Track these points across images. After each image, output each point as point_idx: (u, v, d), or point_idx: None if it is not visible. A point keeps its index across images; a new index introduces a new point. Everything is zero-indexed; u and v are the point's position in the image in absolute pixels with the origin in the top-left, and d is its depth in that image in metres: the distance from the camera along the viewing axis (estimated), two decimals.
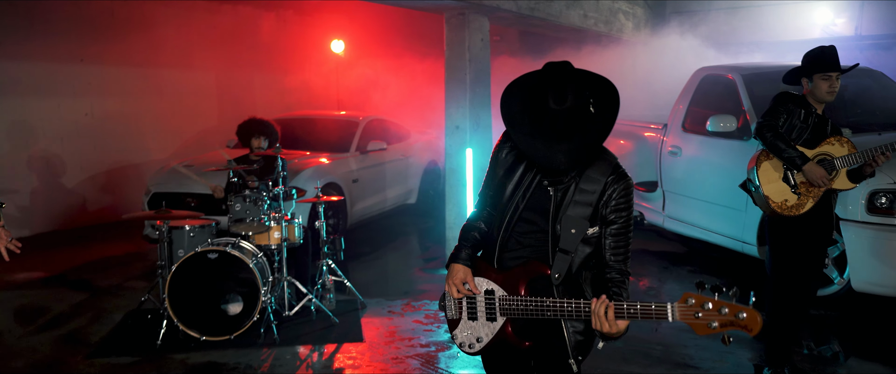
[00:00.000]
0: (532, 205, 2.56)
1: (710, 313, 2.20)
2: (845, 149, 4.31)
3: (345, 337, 5.34)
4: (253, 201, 5.59)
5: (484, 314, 2.67)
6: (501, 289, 2.61)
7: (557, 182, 2.51)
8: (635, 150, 8.36)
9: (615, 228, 2.47)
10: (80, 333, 5.49)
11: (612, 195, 2.46)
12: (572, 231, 2.44)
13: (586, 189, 2.46)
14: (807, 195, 4.30)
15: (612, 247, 2.49)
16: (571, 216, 2.45)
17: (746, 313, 2.17)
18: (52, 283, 6.91)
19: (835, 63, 4.28)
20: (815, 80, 4.31)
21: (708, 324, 2.21)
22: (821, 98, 4.34)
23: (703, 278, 6.72)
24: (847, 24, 12.02)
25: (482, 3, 7.11)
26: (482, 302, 2.67)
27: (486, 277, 2.67)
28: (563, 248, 2.46)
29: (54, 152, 9.38)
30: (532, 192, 2.55)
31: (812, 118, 4.36)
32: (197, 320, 5.18)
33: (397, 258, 8.08)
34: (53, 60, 9.28)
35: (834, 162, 4.28)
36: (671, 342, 5.17)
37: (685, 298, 2.24)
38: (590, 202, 2.45)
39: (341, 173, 8.18)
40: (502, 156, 2.66)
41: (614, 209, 2.46)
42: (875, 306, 5.90)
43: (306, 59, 13.09)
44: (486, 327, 2.67)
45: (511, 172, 2.63)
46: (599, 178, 2.47)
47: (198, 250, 5.17)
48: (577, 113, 2.31)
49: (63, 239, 8.90)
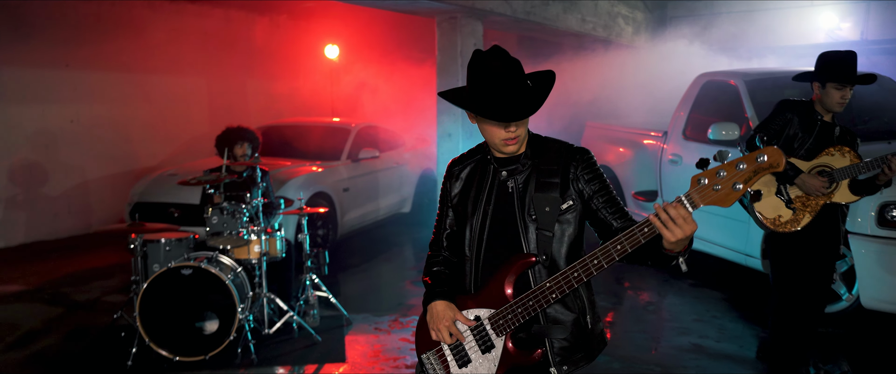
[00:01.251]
0: (499, 207, 2.43)
1: (727, 177, 2.03)
2: (847, 159, 4.04)
3: (326, 357, 5.07)
4: (231, 213, 5.32)
5: (477, 349, 2.38)
6: (486, 309, 2.35)
7: (514, 171, 2.44)
8: (635, 158, 8.10)
9: (602, 197, 2.40)
10: (49, 352, 5.23)
11: (577, 170, 2.41)
12: (546, 209, 2.36)
13: (546, 169, 2.41)
14: (803, 210, 4.05)
15: (611, 214, 2.40)
16: (540, 197, 2.37)
17: (765, 154, 1.98)
18: (27, 297, 6.65)
19: (852, 74, 3.99)
20: (828, 88, 4.04)
21: (733, 187, 2.02)
22: (830, 107, 4.08)
23: (704, 293, 6.49)
24: (853, 29, 11.78)
25: (475, 7, 6.87)
26: (470, 336, 2.39)
27: (466, 309, 2.41)
28: (542, 227, 2.35)
29: (37, 161, 9.13)
30: (496, 193, 2.44)
31: (817, 126, 4.10)
32: (170, 339, 4.92)
33: (388, 270, 7.81)
34: (37, 66, 9.03)
35: (833, 174, 4.00)
36: (670, 363, 4.90)
37: (695, 180, 2.07)
38: (554, 182, 2.39)
39: (331, 182, 7.93)
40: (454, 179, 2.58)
41: (588, 181, 2.40)
42: (885, 323, 5.62)
43: (299, 64, 12.84)
44: (486, 362, 2.37)
45: (467, 189, 2.52)
46: (556, 157, 2.43)
47: (171, 266, 4.91)
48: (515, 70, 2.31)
49: (46, 249, 8.65)
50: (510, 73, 2.28)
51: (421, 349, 2.55)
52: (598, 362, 4.77)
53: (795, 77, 4.34)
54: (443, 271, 2.58)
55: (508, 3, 7.49)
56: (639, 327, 5.71)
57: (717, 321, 5.73)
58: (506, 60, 2.29)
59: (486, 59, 2.30)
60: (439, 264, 2.60)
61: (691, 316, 5.90)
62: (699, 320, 5.80)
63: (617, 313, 6.10)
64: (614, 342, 5.32)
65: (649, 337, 5.48)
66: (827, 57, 4.13)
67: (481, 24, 7.15)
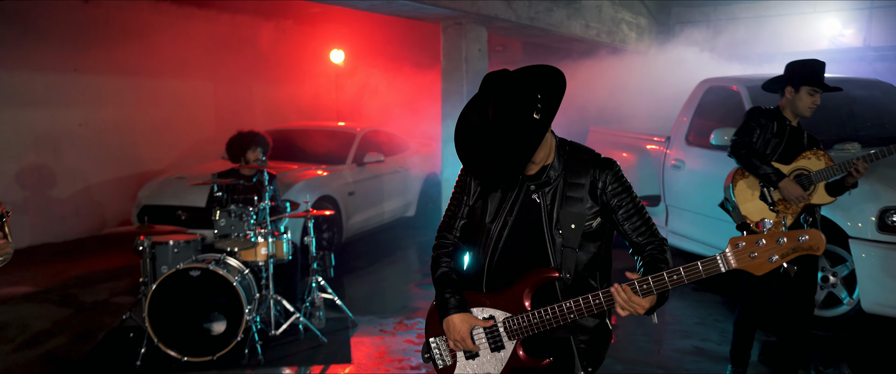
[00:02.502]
0: (521, 218, 2.41)
1: (766, 248, 2.10)
2: (822, 162, 4.24)
3: (332, 358, 5.13)
4: (238, 215, 5.39)
5: (487, 347, 2.44)
6: (501, 311, 2.40)
7: (543, 185, 2.40)
8: (637, 163, 8.16)
9: (624, 211, 2.41)
10: (59, 352, 5.30)
11: (605, 184, 2.40)
12: (572, 226, 2.35)
13: (574, 183, 2.39)
14: (785, 212, 4.24)
15: (633, 229, 2.42)
16: (567, 212, 2.36)
17: (808, 234, 2.06)
18: (36, 298, 6.72)
19: (821, 79, 4.24)
20: (802, 93, 4.26)
21: (769, 259, 2.10)
22: (800, 112, 4.29)
23: (706, 296, 6.54)
24: (855, 35, 11.83)
25: (479, 13, 6.94)
26: (481, 333, 2.44)
27: (479, 305, 2.45)
28: (567, 244, 2.36)
29: (46, 164, 9.22)
30: (520, 205, 2.41)
31: (786, 131, 4.30)
32: (179, 340, 4.99)
33: (393, 273, 7.87)
34: (46, 69, 9.13)
35: (811, 176, 4.21)
36: (672, 366, 4.95)
37: (734, 243, 2.13)
38: (581, 197, 2.38)
39: (337, 186, 8.00)
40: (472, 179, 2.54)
41: (614, 194, 2.40)
42: (885, 327, 5.66)
43: (305, 69, 12.94)
44: (493, 360, 2.43)
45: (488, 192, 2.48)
46: (584, 170, 2.40)
47: (180, 267, 4.98)
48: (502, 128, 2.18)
49: (53, 252, 8.73)
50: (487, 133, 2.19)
51: (430, 334, 2.60)
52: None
53: (765, 85, 4.51)
54: (451, 273, 2.55)
55: (513, 10, 7.56)
56: (641, 330, 5.76)
57: (719, 324, 5.78)
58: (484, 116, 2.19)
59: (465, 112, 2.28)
60: (447, 256, 2.58)
61: (693, 320, 5.96)
62: (701, 323, 5.85)
63: (619, 317, 6.15)
64: (617, 345, 5.37)
65: (652, 340, 5.54)
66: (800, 63, 4.33)
67: (486, 29, 7.22)
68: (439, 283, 2.54)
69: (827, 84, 4.25)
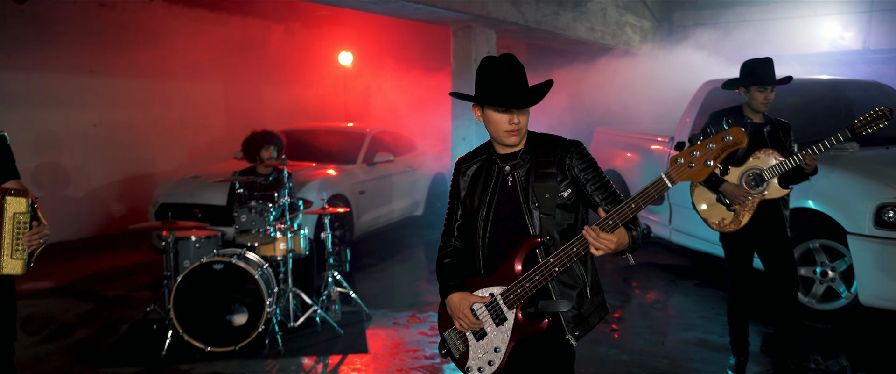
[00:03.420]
0: (503, 198, 2.71)
1: (700, 156, 2.33)
2: (772, 159, 4.50)
3: (349, 348, 5.33)
4: (259, 212, 5.59)
5: (492, 323, 2.65)
6: (498, 287, 2.63)
7: (517, 167, 2.71)
8: (642, 162, 8.35)
9: (591, 184, 2.67)
10: (87, 343, 5.50)
11: (572, 160, 2.67)
12: (546, 196, 2.63)
13: (544, 161, 2.68)
14: (742, 210, 4.56)
15: (602, 200, 2.66)
16: (540, 186, 2.64)
17: (730, 134, 2.30)
18: (58, 293, 6.93)
19: (771, 76, 4.52)
20: (752, 91, 4.55)
21: (704, 164, 2.33)
22: (756, 108, 4.57)
23: (709, 292, 6.74)
24: (855, 38, 12.02)
25: (489, 16, 7.14)
26: (485, 312, 2.65)
27: (479, 288, 2.68)
28: (544, 211, 2.63)
29: (62, 163, 9.43)
30: (499, 186, 2.73)
31: (748, 128, 4.58)
32: (202, 330, 5.19)
33: (403, 270, 8.07)
34: (63, 71, 9.35)
35: (762, 174, 4.49)
36: (677, 356, 5.14)
37: (673, 160, 2.38)
38: (551, 172, 2.66)
39: (348, 185, 8.19)
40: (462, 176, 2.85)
41: (582, 169, 2.67)
42: (883, 320, 5.86)
43: (314, 71, 13.15)
44: (499, 333, 2.65)
45: (474, 184, 2.80)
46: (552, 151, 2.70)
47: (203, 261, 5.18)
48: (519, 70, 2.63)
49: (71, 249, 8.94)
50: (514, 70, 2.60)
51: (442, 328, 2.85)
52: (606, 354, 5.03)
53: (724, 85, 4.81)
54: (453, 262, 2.84)
55: (520, 13, 7.76)
56: (646, 323, 5.95)
57: (721, 317, 5.96)
58: (511, 61, 2.62)
59: (493, 60, 2.64)
60: (449, 255, 2.86)
61: (697, 313, 6.15)
62: (704, 316, 6.04)
63: (625, 310, 6.35)
64: (623, 337, 5.57)
65: (656, 333, 5.73)
66: (749, 64, 4.63)
67: (494, 32, 7.42)
68: (441, 273, 2.84)
69: (772, 80, 4.51)
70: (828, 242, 5.69)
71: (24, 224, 3.01)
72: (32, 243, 3.04)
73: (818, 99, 6.93)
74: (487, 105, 2.64)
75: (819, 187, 5.53)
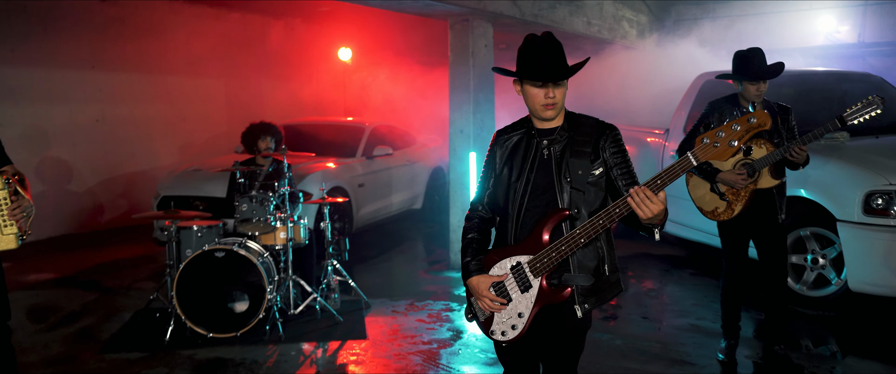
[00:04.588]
0: (540, 173, 2.83)
1: (725, 136, 2.43)
2: (763, 150, 4.59)
3: (349, 335, 5.44)
4: (259, 201, 5.70)
5: (517, 289, 2.78)
6: (526, 256, 2.76)
7: (554, 142, 2.83)
8: (638, 154, 8.44)
9: (617, 169, 2.81)
10: (91, 330, 5.62)
11: (606, 142, 2.81)
12: (579, 172, 2.76)
13: (579, 139, 2.81)
14: (735, 199, 4.68)
15: (624, 184, 2.79)
16: (574, 162, 2.78)
17: (755, 116, 2.40)
18: (63, 283, 7.05)
19: (759, 71, 4.57)
20: (744, 84, 4.63)
21: (729, 144, 2.43)
22: (750, 99, 4.66)
23: (703, 281, 6.84)
24: (850, 32, 12.10)
25: (486, 10, 7.23)
26: (512, 279, 2.79)
27: (506, 256, 2.81)
28: (576, 186, 2.76)
29: (65, 158, 9.54)
30: (538, 163, 2.84)
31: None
32: (204, 317, 5.30)
33: (402, 261, 8.18)
34: (65, 67, 9.45)
35: (753, 164, 4.59)
36: (669, 341, 5.25)
37: (699, 141, 2.47)
38: (586, 151, 2.79)
39: (347, 178, 8.29)
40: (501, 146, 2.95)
41: (613, 154, 2.81)
42: (872, 306, 5.96)
43: (314, 66, 13.25)
44: (524, 299, 2.77)
45: (512, 156, 2.90)
46: (589, 131, 2.83)
47: (205, 249, 5.29)
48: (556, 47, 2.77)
49: (74, 242, 9.05)
50: (550, 47, 2.75)
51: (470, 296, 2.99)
52: (600, 339, 5.13)
53: (717, 77, 4.93)
54: (475, 238, 2.97)
55: (517, 7, 7.84)
56: (641, 310, 6.06)
57: (714, 305, 6.06)
58: (549, 39, 2.77)
59: (533, 37, 2.79)
60: (474, 229, 2.99)
61: (690, 301, 6.25)
62: (697, 304, 6.15)
63: (620, 298, 6.44)
64: (618, 324, 5.68)
65: (651, 319, 5.83)
66: (738, 57, 4.71)
67: (491, 26, 7.50)
68: (464, 250, 2.97)
69: (762, 74, 4.57)
70: (818, 229, 5.79)
71: (4, 200, 3.12)
72: (16, 216, 3.14)
73: (810, 90, 7.02)
74: (525, 80, 2.78)
75: (811, 176, 5.63)
